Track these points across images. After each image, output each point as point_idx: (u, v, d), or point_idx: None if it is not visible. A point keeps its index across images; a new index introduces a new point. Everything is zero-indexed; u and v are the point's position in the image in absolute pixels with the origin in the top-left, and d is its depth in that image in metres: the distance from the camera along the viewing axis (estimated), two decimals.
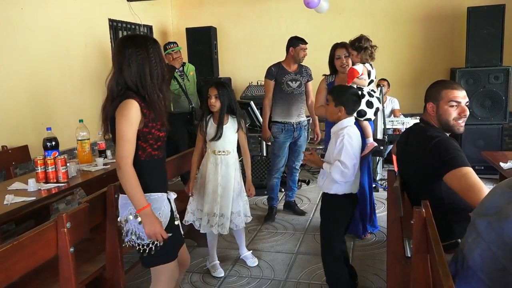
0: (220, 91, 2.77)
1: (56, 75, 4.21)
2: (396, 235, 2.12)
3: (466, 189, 1.82)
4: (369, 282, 2.81)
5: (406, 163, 2.22)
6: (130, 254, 3.07)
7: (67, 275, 1.70)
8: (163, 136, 1.91)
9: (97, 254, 2.39)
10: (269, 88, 3.91)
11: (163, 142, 1.94)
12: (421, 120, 2.21)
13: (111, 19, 5.10)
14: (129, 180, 1.77)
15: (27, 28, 3.84)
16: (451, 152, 1.91)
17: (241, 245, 3.16)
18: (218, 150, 2.85)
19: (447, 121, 2.07)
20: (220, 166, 2.84)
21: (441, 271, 1.19)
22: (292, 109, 3.93)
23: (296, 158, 4.10)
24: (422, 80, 5.74)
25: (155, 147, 1.89)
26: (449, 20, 5.58)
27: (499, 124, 5.02)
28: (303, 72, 4.01)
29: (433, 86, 2.15)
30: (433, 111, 2.10)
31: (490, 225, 1.31)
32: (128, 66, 1.80)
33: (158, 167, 1.94)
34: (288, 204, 4.24)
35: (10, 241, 1.50)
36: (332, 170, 2.31)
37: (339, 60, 3.37)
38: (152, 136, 1.86)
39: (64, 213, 1.70)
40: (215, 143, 2.83)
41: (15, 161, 3.56)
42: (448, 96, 2.05)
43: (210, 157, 2.87)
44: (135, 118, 1.77)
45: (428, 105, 2.12)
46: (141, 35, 2.18)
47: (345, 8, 5.87)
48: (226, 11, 6.30)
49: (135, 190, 1.77)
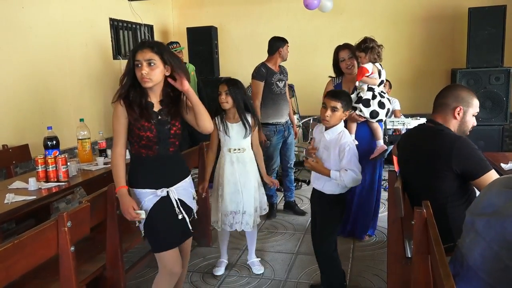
0: (231, 88, 2.74)
1: (57, 74, 4.21)
2: (396, 236, 2.12)
3: None
4: (369, 282, 2.81)
5: (410, 163, 2.19)
6: (130, 254, 3.07)
7: (68, 274, 1.70)
8: (146, 137, 2.04)
9: (97, 254, 2.39)
10: (259, 90, 3.86)
11: (150, 142, 2.05)
12: (430, 121, 2.14)
13: (112, 18, 5.10)
14: (112, 164, 2.09)
15: (28, 27, 3.84)
16: (478, 153, 1.94)
17: (251, 250, 3.11)
18: (233, 148, 2.83)
19: (465, 130, 2.08)
20: (237, 164, 2.83)
21: (442, 271, 1.19)
22: (282, 109, 3.95)
23: (289, 157, 4.13)
24: (423, 81, 5.76)
25: (140, 144, 2.07)
26: (450, 21, 5.58)
27: (499, 125, 5.02)
28: (284, 72, 4.03)
29: (464, 91, 2.09)
30: (459, 115, 2.05)
31: (489, 224, 1.31)
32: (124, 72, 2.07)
33: (144, 164, 2.10)
34: (288, 204, 4.24)
35: (10, 240, 1.50)
36: (345, 179, 2.35)
37: (343, 63, 3.34)
38: (134, 134, 2.06)
39: (65, 212, 1.70)
40: (230, 141, 2.82)
41: (15, 160, 3.56)
42: (476, 106, 2.07)
43: (226, 156, 2.85)
44: (119, 114, 2.04)
45: (457, 108, 2.04)
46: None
47: (346, 8, 5.87)
48: (227, 10, 6.30)
49: (115, 172, 2.07)
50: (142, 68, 1.96)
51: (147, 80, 1.97)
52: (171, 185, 2.12)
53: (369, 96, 3.08)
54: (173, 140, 2.12)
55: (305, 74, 5.78)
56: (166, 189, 2.10)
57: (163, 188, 2.09)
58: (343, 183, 2.36)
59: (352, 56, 3.27)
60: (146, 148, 2.07)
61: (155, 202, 2.09)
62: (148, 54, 1.96)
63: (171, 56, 2.03)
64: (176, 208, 2.11)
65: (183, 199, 2.18)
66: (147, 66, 1.96)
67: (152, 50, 1.97)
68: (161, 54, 1.99)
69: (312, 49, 6.03)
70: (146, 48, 1.97)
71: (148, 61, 1.96)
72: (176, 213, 2.12)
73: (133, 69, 2.00)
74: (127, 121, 2.04)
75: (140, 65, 1.97)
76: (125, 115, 2.03)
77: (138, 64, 1.97)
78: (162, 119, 2.08)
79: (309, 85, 4.40)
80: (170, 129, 2.09)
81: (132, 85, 2.02)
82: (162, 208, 2.10)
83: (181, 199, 2.16)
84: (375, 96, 3.07)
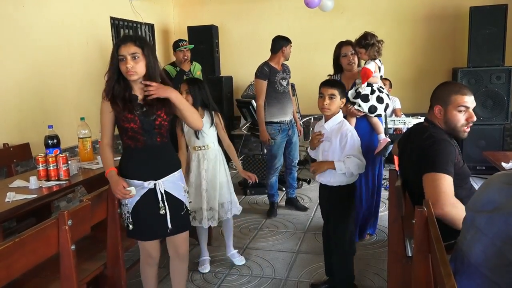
0: (191, 87, 2.85)
1: (57, 73, 4.21)
2: (397, 235, 2.12)
3: (429, 194, 1.84)
4: (370, 281, 2.81)
5: (407, 162, 2.21)
6: (131, 252, 3.07)
7: (68, 272, 1.70)
8: (131, 128, 2.11)
9: (98, 252, 2.39)
10: (263, 89, 3.88)
11: (135, 134, 2.12)
12: (426, 120, 2.19)
13: (112, 17, 5.09)
14: (100, 154, 2.29)
15: (28, 26, 3.84)
16: (438, 154, 1.91)
17: (229, 243, 3.17)
18: (198, 146, 2.91)
19: (454, 126, 2.06)
20: (203, 161, 2.90)
21: (443, 270, 1.19)
22: (287, 108, 3.96)
23: (293, 156, 4.14)
24: (424, 80, 5.74)
25: (127, 136, 2.15)
26: (451, 20, 5.57)
27: (500, 124, 5.02)
28: (287, 70, 4.05)
29: (442, 89, 2.12)
30: (440, 114, 2.08)
31: (491, 221, 1.30)
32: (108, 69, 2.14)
33: (131, 156, 2.18)
34: (289, 200, 4.25)
35: (11, 238, 1.50)
36: (350, 166, 2.36)
37: (345, 58, 3.32)
38: (120, 126, 2.16)
39: (66, 211, 1.70)
40: (195, 139, 2.89)
41: (16, 158, 3.56)
42: (457, 101, 2.03)
43: (192, 154, 2.93)
44: (104, 109, 2.13)
45: (435, 108, 2.09)
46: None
47: (347, 7, 5.86)
48: (228, 9, 6.30)
49: (103, 161, 2.22)
50: (127, 62, 2.02)
51: (133, 73, 2.04)
52: (159, 178, 2.17)
53: (368, 91, 3.08)
54: (158, 131, 2.16)
55: (306, 73, 5.77)
56: (153, 181, 2.15)
57: (150, 180, 2.14)
58: (349, 170, 2.37)
59: (355, 53, 3.26)
60: (133, 140, 2.14)
61: (142, 195, 2.14)
62: (132, 48, 2.03)
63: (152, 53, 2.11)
64: (160, 202, 2.15)
65: (171, 192, 2.20)
66: (132, 59, 2.03)
67: (135, 43, 2.04)
68: (142, 48, 2.05)
69: (313, 48, 6.02)
70: (129, 42, 2.03)
71: (132, 54, 2.02)
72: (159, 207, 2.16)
73: (117, 64, 2.06)
74: (112, 115, 2.13)
75: (124, 59, 2.03)
76: (110, 109, 2.11)
77: (123, 59, 2.03)
78: (147, 110, 2.13)
79: (310, 84, 4.38)
80: (155, 120, 2.13)
81: (116, 79, 2.09)
82: (148, 201, 2.15)
83: (169, 192, 2.19)
84: (373, 91, 3.08)
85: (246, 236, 3.63)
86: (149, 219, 2.17)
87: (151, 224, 2.18)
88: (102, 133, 2.20)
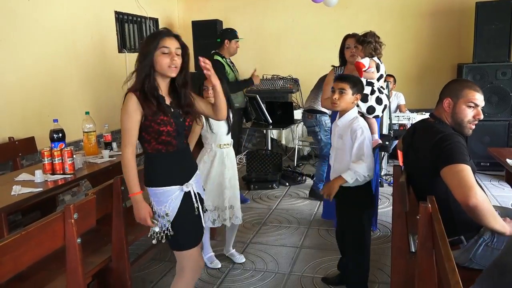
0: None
1: (62, 67, 4.22)
2: (401, 230, 2.12)
3: (457, 186, 1.80)
4: (373, 276, 2.81)
5: (411, 158, 2.21)
6: (135, 246, 3.09)
7: (74, 265, 1.72)
8: (167, 131, 1.91)
9: (103, 246, 2.40)
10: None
11: (169, 137, 1.93)
12: (431, 115, 2.18)
13: (117, 11, 5.10)
14: (125, 167, 1.91)
15: (33, 20, 3.85)
16: (452, 146, 1.90)
17: (230, 242, 3.14)
18: (223, 144, 2.86)
19: (461, 121, 2.05)
20: (226, 159, 2.86)
21: (448, 265, 1.19)
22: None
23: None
24: (429, 76, 5.72)
25: (159, 140, 1.93)
26: (457, 15, 5.54)
27: (506, 121, 4.99)
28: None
29: (455, 83, 2.12)
30: (449, 108, 2.06)
31: None
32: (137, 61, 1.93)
33: (164, 161, 1.97)
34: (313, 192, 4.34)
35: (18, 231, 1.52)
36: (360, 171, 2.30)
37: (348, 50, 3.33)
38: (152, 129, 1.91)
39: (72, 204, 1.71)
40: (221, 136, 2.84)
41: (22, 152, 3.59)
42: (468, 96, 2.02)
43: (216, 151, 2.85)
44: (132, 110, 1.86)
45: (445, 100, 2.07)
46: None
47: (352, 2, 5.83)
48: (232, 4, 6.28)
49: (128, 177, 1.91)
50: (173, 55, 1.88)
51: (175, 69, 1.90)
52: (189, 179, 2.04)
53: (368, 91, 3.06)
54: (187, 133, 2.07)
55: (310, 68, 5.75)
56: (189, 184, 2.03)
57: (186, 183, 2.02)
58: (361, 176, 2.32)
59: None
60: (165, 144, 1.94)
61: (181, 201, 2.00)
62: (176, 43, 1.91)
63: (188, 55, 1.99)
64: (195, 203, 2.03)
65: (199, 192, 2.12)
66: (176, 55, 1.90)
67: (178, 40, 1.93)
68: (183, 47, 1.95)
69: (317, 43, 6.00)
70: (173, 37, 1.91)
71: (177, 49, 1.90)
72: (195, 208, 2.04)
73: (152, 57, 1.87)
74: (141, 118, 1.88)
75: (168, 53, 1.87)
76: (140, 110, 1.86)
77: (167, 51, 1.87)
78: (175, 112, 1.98)
79: (314, 79, 4.38)
80: (184, 121, 2.00)
81: (147, 74, 1.88)
82: (187, 205, 2.02)
83: (198, 193, 2.10)
84: (373, 91, 3.06)
85: (250, 231, 3.64)
86: (191, 223, 2.04)
87: (194, 229, 2.06)
88: (126, 141, 1.88)
